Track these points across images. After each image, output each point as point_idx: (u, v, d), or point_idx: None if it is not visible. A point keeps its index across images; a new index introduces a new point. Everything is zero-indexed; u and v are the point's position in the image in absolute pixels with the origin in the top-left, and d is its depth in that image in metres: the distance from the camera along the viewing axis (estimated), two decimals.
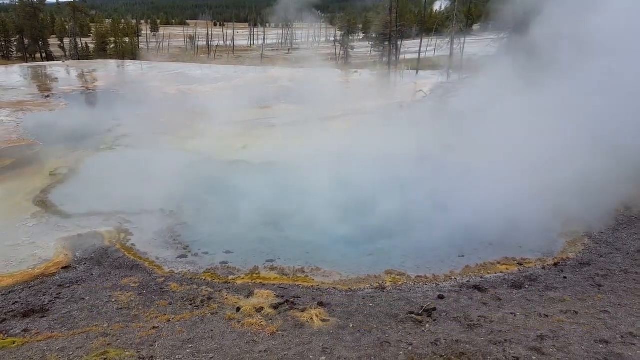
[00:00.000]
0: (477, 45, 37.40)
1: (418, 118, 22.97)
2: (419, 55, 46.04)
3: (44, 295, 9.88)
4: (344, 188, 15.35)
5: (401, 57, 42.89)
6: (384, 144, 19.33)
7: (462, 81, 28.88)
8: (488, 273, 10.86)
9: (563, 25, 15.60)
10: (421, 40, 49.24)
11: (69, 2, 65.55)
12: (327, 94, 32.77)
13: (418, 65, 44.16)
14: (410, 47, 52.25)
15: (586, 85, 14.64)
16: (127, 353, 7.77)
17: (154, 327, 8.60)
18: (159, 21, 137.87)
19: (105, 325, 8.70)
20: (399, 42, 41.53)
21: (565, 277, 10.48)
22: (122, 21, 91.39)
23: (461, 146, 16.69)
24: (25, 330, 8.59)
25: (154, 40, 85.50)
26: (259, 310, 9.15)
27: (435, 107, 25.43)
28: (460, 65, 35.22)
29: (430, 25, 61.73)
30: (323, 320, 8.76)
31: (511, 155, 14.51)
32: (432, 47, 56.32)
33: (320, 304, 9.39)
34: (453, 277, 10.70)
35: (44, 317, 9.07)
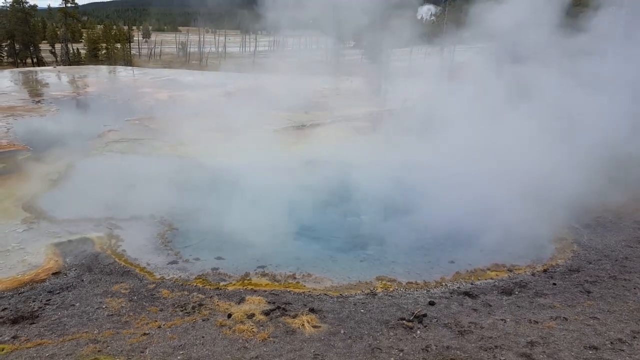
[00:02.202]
0: (467, 53, 37.71)
1: (406, 125, 23.10)
2: (409, 63, 46.39)
3: (33, 301, 9.79)
4: (331, 194, 15.40)
5: (392, 64, 43.19)
6: (372, 151, 19.47)
7: (450, 89, 29.05)
8: (478, 279, 10.93)
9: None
10: (411, 49, 49.64)
11: (61, 7, 65.36)
12: (317, 100, 32.90)
13: (408, 73, 44.46)
14: (400, 55, 52.65)
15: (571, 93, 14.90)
16: None
17: (144, 334, 8.57)
18: (150, 27, 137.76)
19: (95, 332, 8.65)
20: (389, 50, 41.76)
21: (554, 284, 10.58)
22: (114, 27, 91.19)
23: (448, 152, 16.78)
24: (14, 337, 8.52)
25: (146, 47, 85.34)
26: (250, 316, 9.14)
27: (424, 114, 25.59)
28: (450, 73, 35.49)
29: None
30: (314, 327, 8.78)
31: (500, 161, 14.65)
32: (422, 55, 56.71)
33: (312, 310, 9.40)
34: (444, 283, 10.75)
35: (33, 323, 8.99)
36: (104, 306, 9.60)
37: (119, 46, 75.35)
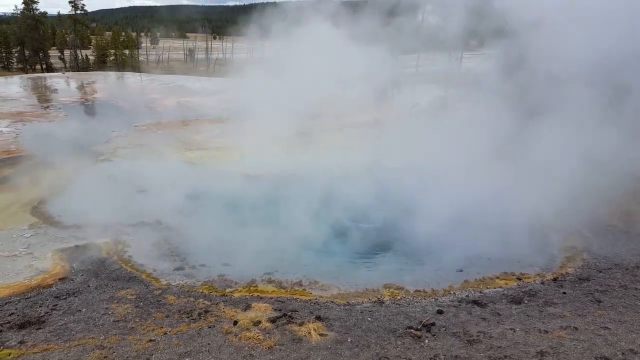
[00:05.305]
0: (474, 60, 37.69)
1: (414, 130, 23.01)
2: (417, 69, 46.37)
3: (40, 306, 9.79)
4: (338, 200, 15.32)
5: (399, 71, 43.19)
6: (379, 156, 19.39)
7: (459, 95, 29.00)
8: (487, 288, 10.82)
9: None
10: (418, 55, 49.60)
11: (70, 14, 65.99)
12: (326, 106, 32.81)
13: (415, 79, 44.46)
14: (407, 61, 52.65)
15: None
16: None
17: (150, 340, 8.54)
18: (158, 34, 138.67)
19: (101, 338, 8.63)
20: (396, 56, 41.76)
21: (564, 293, 10.45)
22: (122, 34, 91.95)
23: (457, 159, 16.69)
24: (21, 342, 8.51)
25: (154, 53, 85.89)
26: (257, 323, 9.09)
27: (432, 120, 25.52)
28: (457, 79, 35.46)
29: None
30: (321, 335, 8.71)
31: (509, 168, 14.56)
32: (430, 61, 56.67)
33: (318, 318, 9.34)
34: (452, 292, 10.65)
35: (40, 328, 8.99)
36: (110, 312, 9.58)
37: (127, 52, 75.91)
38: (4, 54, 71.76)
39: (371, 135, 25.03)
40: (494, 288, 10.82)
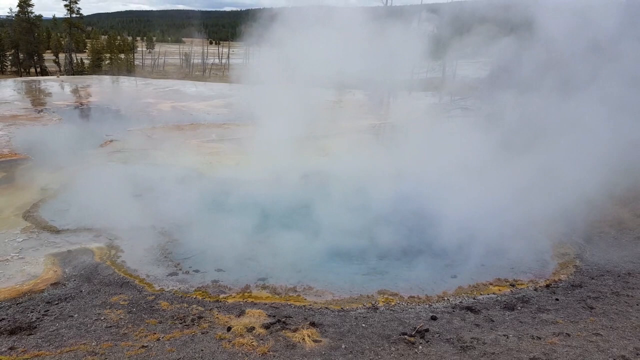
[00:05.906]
0: (469, 67, 37.88)
1: (410, 137, 23.12)
2: (412, 76, 46.52)
3: (31, 312, 9.71)
4: (334, 204, 15.34)
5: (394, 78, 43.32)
6: (374, 163, 19.43)
7: (453, 102, 29.17)
8: (481, 294, 10.84)
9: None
10: (414, 62, 49.77)
11: (66, 18, 65.89)
12: (322, 112, 32.88)
13: (411, 86, 44.62)
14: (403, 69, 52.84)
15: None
16: None
17: (143, 346, 8.48)
18: (154, 38, 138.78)
19: (93, 344, 8.57)
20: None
21: (557, 299, 10.49)
22: (118, 38, 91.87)
23: (450, 165, 16.75)
24: (11, 348, 8.43)
25: (150, 57, 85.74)
26: (250, 329, 9.06)
27: (427, 126, 25.63)
28: (452, 87, 35.68)
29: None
30: (315, 341, 8.69)
31: (502, 175, 14.62)
32: (425, 68, 56.85)
33: (312, 324, 9.32)
34: (446, 298, 10.67)
35: (31, 334, 8.91)
36: (102, 317, 9.52)
37: (122, 56, 75.81)
38: None
39: (368, 140, 25.11)
40: (488, 294, 10.84)
